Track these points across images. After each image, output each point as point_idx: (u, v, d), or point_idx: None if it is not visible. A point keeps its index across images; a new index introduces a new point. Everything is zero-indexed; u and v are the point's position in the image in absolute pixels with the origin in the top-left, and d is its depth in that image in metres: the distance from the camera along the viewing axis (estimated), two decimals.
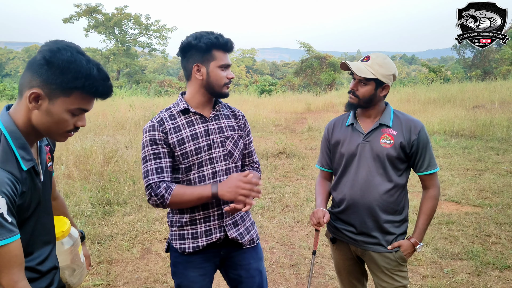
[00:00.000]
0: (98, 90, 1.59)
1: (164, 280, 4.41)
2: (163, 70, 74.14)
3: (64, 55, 1.51)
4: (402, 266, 2.62)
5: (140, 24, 45.78)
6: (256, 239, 2.59)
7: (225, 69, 2.32)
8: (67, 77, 1.52)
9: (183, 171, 2.36)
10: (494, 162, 9.37)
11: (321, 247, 5.15)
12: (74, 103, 1.58)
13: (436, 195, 2.63)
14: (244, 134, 2.57)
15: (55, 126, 1.62)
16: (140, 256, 4.98)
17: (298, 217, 6.20)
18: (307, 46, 42.01)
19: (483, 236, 5.33)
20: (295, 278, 4.45)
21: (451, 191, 7.22)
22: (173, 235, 2.47)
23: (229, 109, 2.58)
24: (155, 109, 15.44)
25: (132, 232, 5.61)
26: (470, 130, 12.86)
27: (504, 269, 4.48)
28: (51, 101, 1.56)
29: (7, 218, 1.46)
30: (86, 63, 1.54)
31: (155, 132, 2.30)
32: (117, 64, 43.89)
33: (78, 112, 1.62)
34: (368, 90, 2.51)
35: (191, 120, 2.37)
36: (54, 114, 1.58)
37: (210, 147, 2.36)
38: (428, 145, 2.56)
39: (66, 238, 2.13)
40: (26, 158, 1.61)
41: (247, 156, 2.64)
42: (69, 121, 1.62)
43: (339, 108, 21.02)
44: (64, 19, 43.35)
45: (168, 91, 34.04)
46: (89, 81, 1.55)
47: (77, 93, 1.56)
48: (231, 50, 2.36)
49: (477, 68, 41.47)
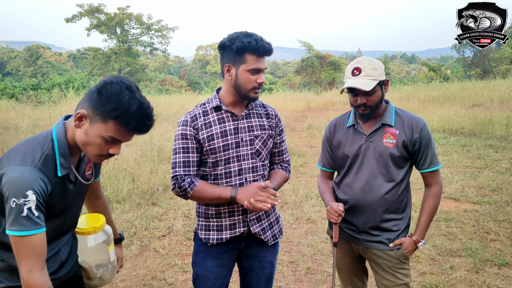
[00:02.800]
0: (131, 124, 1.73)
1: (162, 277, 4.41)
2: (164, 69, 74.06)
3: (113, 88, 1.70)
4: (404, 263, 2.61)
5: (142, 24, 45.65)
6: (278, 234, 2.66)
7: (255, 73, 2.32)
8: (108, 107, 1.69)
9: (210, 165, 2.43)
10: (493, 160, 9.38)
11: (320, 244, 5.16)
12: (109, 131, 1.73)
13: (438, 193, 2.62)
14: (275, 133, 2.61)
15: (89, 147, 1.80)
16: (139, 253, 4.98)
17: (297, 214, 6.21)
18: (308, 45, 42.01)
19: (482, 233, 5.34)
20: (293, 275, 4.45)
21: (450, 189, 7.23)
22: (199, 225, 2.56)
23: (263, 108, 2.61)
24: (156, 107, 15.36)
25: (131, 229, 5.62)
26: (470, 128, 12.88)
27: (502, 265, 4.49)
28: (91, 124, 1.74)
29: (34, 212, 1.64)
30: (129, 99, 1.70)
31: (187, 127, 2.39)
32: (118, 63, 43.77)
33: (112, 140, 1.77)
34: (377, 95, 2.50)
35: (222, 117, 2.43)
36: (90, 136, 1.76)
37: (238, 145, 2.42)
38: (431, 142, 2.56)
39: (98, 234, 2.24)
40: (64, 165, 1.82)
41: (277, 155, 2.69)
42: (102, 146, 1.78)
43: (339, 107, 21.04)
44: (67, 19, 43.21)
45: (169, 89, 34.07)
46: (124, 115, 1.69)
47: (113, 122, 1.72)
48: (266, 55, 2.35)
49: (477, 67, 41.48)
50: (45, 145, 1.78)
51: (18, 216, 1.61)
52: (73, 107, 16.09)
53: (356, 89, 2.47)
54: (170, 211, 6.27)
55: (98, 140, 1.75)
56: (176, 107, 16.60)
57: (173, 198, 6.85)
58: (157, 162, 8.75)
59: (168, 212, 6.24)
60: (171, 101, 18.63)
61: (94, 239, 2.21)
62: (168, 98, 20.28)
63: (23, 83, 33.24)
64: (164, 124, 12.60)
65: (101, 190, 2.45)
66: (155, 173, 7.98)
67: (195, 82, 43.95)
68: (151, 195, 6.91)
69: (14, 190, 1.62)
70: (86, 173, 2.02)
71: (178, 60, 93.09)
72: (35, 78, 43.55)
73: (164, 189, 7.25)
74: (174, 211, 6.26)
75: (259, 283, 2.64)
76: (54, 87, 27.44)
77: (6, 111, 18.01)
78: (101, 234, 2.25)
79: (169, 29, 46.64)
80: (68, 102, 19.92)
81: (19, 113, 17.14)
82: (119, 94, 1.68)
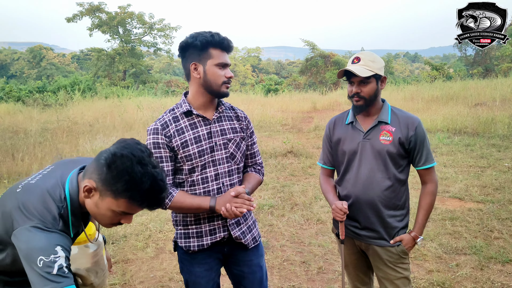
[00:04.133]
0: (144, 203, 1.69)
1: (179, 278, 4.48)
2: (169, 70, 73.62)
3: (124, 164, 1.61)
4: (404, 258, 2.71)
5: (144, 23, 45.21)
6: (258, 237, 2.65)
7: (222, 68, 2.31)
8: (119, 185, 1.62)
9: (186, 172, 2.38)
10: (496, 159, 9.48)
11: (330, 244, 5.28)
12: (120, 207, 1.68)
13: (433, 191, 2.71)
14: (246, 135, 2.58)
15: (100, 217, 1.76)
16: (155, 256, 5.08)
17: (307, 215, 6.33)
18: (312, 44, 41.72)
19: (486, 232, 5.47)
20: (305, 275, 4.56)
21: (454, 188, 7.35)
22: (178, 234, 2.53)
23: (232, 110, 2.57)
24: (163, 109, 15.43)
25: (146, 232, 5.74)
26: (473, 128, 12.95)
27: (506, 263, 4.61)
28: (101, 197, 1.68)
29: (66, 270, 1.57)
30: (141, 176, 1.61)
31: (158, 135, 2.31)
32: (123, 64, 43.39)
33: (123, 214, 1.73)
34: (371, 87, 2.58)
35: (194, 122, 2.38)
36: (101, 208, 1.70)
37: (212, 150, 2.38)
38: (425, 140, 2.64)
39: (91, 243, 2.27)
40: (75, 224, 1.79)
41: (249, 157, 2.66)
42: (113, 218, 1.74)
43: (345, 107, 20.90)
44: (68, 19, 42.79)
45: (175, 91, 33.80)
46: (137, 194, 1.63)
47: (125, 201, 1.66)
48: (228, 49, 2.34)
49: (479, 66, 41.31)
50: (60, 204, 1.72)
51: (48, 274, 1.53)
52: (80, 110, 16.10)
53: (351, 76, 2.59)
54: None
55: (109, 213, 1.71)
56: None
57: None
58: None
59: None
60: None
61: (88, 247, 2.25)
62: (175, 100, 20.21)
63: (29, 86, 33.34)
64: None
65: None
66: None
67: None
68: None
69: (40, 249, 1.55)
70: None
71: None
72: (40, 80, 43.35)
73: None
74: None
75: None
76: (60, 90, 27.51)
77: (14, 114, 18.03)
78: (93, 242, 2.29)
79: (172, 28, 46.06)
80: (75, 105, 19.95)
81: (27, 116, 17.19)
82: (130, 172, 1.60)
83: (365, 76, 2.52)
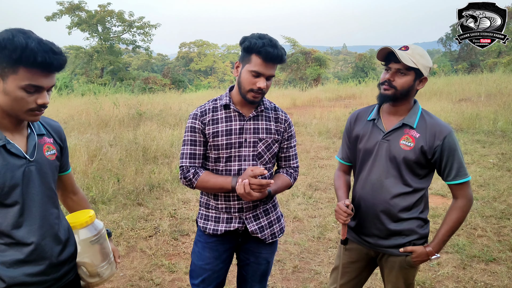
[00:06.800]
0: (37, 61, 1.60)
1: (149, 277, 4.37)
2: (147, 67, 73.32)
3: (4, 34, 1.59)
4: (413, 268, 2.52)
5: (123, 21, 44.90)
6: (278, 233, 2.70)
7: (256, 76, 2.32)
8: (5, 52, 1.58)
9: (212, 160, 2.52)
10: (480, 155, 9.43)
11: (306, 242, 5.15)
12: (24, 79, 1.62)
13: (463, 207, 2.42)
14: (282, 138, 2.61)
15: (15, 105, 1.68)
16: (125, 254, 4.92)
17: (284, 212, 6.18)
18: (292, 41, 42.04)
19: (469, 229, 5.36)
20: (280, 274, 4.43)
21: (437, 185, 7.24)
22: (199, 214, 2.69)
23: (274, 111, 2.61)
24: (140, 106, 15.31)
25: (117, 230, 5.54)
26: (457, 123, 12.90)
27: (489, 261, 4.50)
28: (4, 81, 1.63)
29: None
30: (24, 38, 1.59)
31: (196, 120, 2.49)
32: (100, 62, 43.10)
33: (32, 89, 1.67)
34: (407, 80, 2.32)
35: (230, 116, 2.49)
36: (10, 93, 1.65)
37: (241, 145, 2.48)
38: (456, 152, 2.36)
39: (88, 227, 2.18)
40: None
41: (283, 160, 2.69)
42: (27, 98, 1.67)
43: (325, 103, 21.03)
44: (47, 17, 42.26)
45: (153, 88, 33.71)
46: (25, 53, 1.58)
47: (22, 68, 1.61)
48: (272, 61, 2.31)
49: (464, 61, 41.74)
50: None
51: None
52: (55, 108, 15.90)
53: (391, 61, 2.34)
54: (156, 211, 6.21)
55: (19, 93, 1.65)
56: (160, 106, 16.34)
57: (159, 198, 6.79)
58: (142, 162, 8.64)
59: (154, 212, 6.18)
60: (155, 100, 18.35)
61: (85, 233, 2.15)
62: (152, 97, 20.01)
63: None
64: (149, 124, 12.40)
65: (76, 185, 2.37)
66: (140, 173, 7.87)
67: (179, 80, 43.33)
68: (137, 195, 6.82)
69: None
70: (46, 154, 1.92)
71: (161, 58, 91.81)
72: None
73: (150, 189, 7.16)
74: (160, 211, 6.20)
75: (254, 278, 2.73)
76: None
77: None
78: (90, 227, 2.19)
79: (151, 26, 46.00)
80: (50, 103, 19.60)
81: None
82: (11, 37, 1.58)
83: (406, 65, 2.27)
